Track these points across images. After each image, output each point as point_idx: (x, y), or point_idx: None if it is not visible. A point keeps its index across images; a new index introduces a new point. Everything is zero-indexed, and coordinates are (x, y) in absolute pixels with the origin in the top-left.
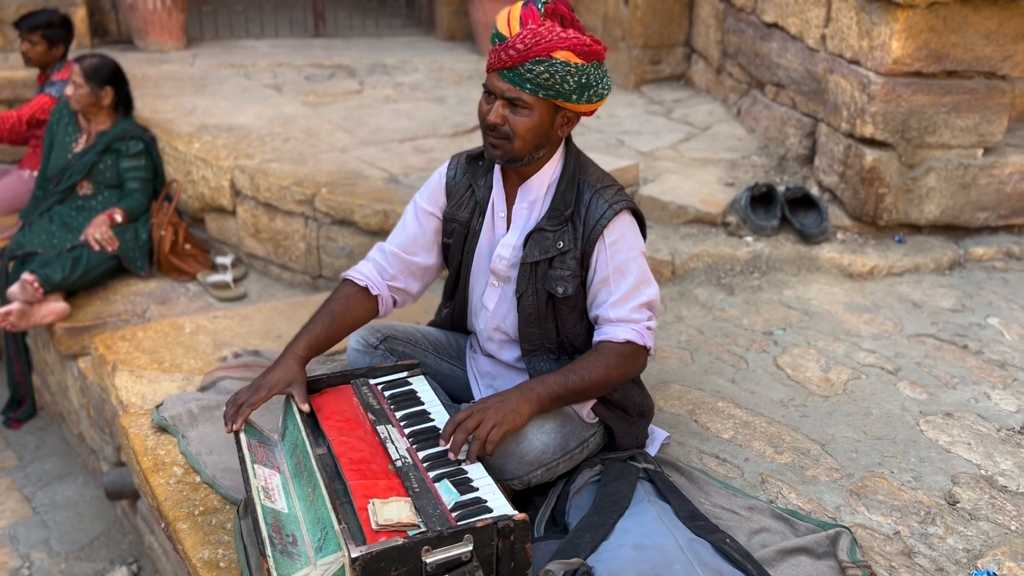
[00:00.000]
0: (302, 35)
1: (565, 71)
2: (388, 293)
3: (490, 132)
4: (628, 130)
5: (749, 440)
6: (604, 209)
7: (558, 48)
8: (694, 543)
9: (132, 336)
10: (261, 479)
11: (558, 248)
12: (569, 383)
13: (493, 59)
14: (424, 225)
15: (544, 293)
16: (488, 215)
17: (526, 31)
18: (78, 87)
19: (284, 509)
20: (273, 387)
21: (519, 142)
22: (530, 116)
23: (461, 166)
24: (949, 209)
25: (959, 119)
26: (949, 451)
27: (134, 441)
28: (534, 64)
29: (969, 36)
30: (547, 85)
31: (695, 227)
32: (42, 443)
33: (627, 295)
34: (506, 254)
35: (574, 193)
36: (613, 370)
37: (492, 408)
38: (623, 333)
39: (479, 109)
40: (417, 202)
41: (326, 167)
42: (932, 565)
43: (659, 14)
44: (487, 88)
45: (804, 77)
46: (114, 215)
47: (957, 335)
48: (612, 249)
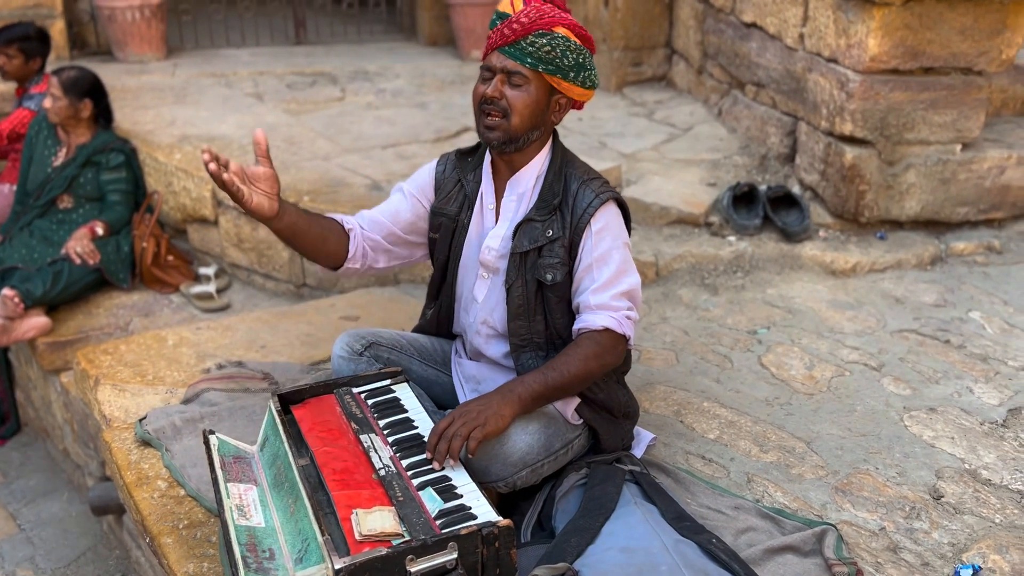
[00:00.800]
0: (283, 43)
1: (565, 46)
2: (360, 233)
3: (487, 107)
4: (610, 132)
5: (735, 440)
6: (591, 198)
7: (559, 24)
8: (680, 544)
9: (114, 350)
10: (235, 497)
11: (547, 236)
12: (549, 380)
13: (494, 38)
14: (408, 202)
15: (533, 283)
16: (477, 208)
17: (530, 7)
18: (56, 100)
19: (261, 524)
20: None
21: (516, 118)
22: (527, 92)
23: (451, 162)
24: (929, 205)
25: (937, 115)
26: (933, 446)
27: (117, 456)
28: (537, 36)
29: (945, 33)
30: (548, 59)
31: (678, 228)
32: (27, 459)
33: (608, 283)
34: (495, 245)
35: (562, 184)
36: (592, 360)
37: (473, 411)
38: (601, 320)
39: (474, 93)
40: (403, 186)
41: (308, 175)
42: (918, 560)
43: (639, 16)
44: (484, 68)
45: (783, 76)
46: (95, 228)
47: (940, 330)
48: (597, 237)
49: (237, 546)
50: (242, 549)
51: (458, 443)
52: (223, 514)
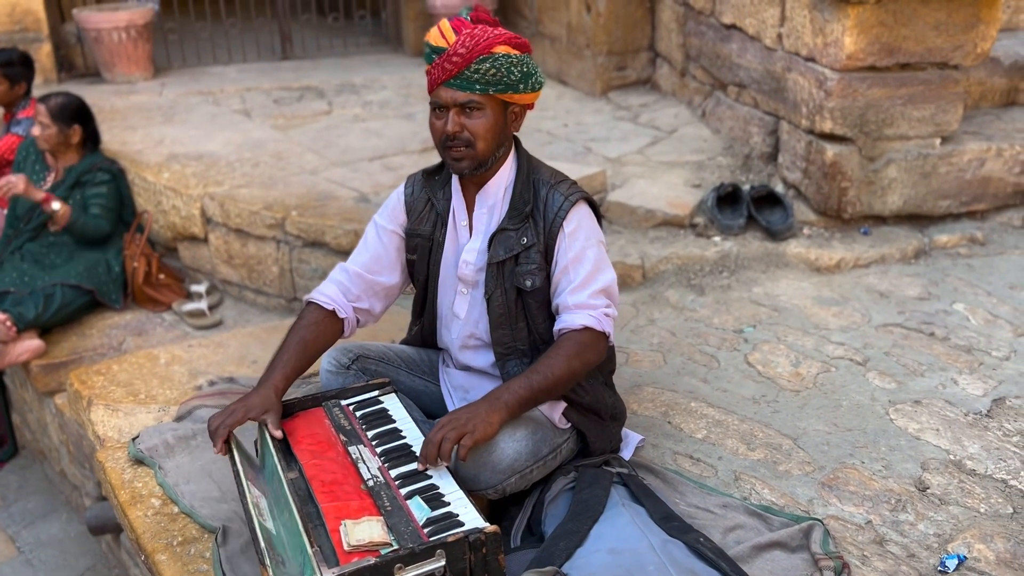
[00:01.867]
0: (270, 58)
1: (508, 63)
2: (353, 315)
3: (451, 144)
4: (596, 137)
5: (722, 438)
6: (561, 201)
7: (496, 44)
8: (668, 544)
9: (107, 370)
10: (255, 496)
11: (522, 244)
12: (534, 384)
13: (436, 74)
14: (386, 243)
15: (513, 291)
16: (450, 225)
17: (463, 35)
18: (45, 127)
19: (273, 531)
20: (250, 411)
21: (481, 144)
22: (485, 117)
23: (418, 183)
24: (912, 199)
25: (915, 110)
26: (918, 438)
27: (111, 475)
28: (479, 63)
29: (919, 28)
30: (495, 80)
31: (664, 230)
32: (25, 482)
33: (584, 282)
34: (471, 259)
35: (531, 191)
36: (575, 360)
37: (462, 418)
38: (580, 319)
39: (432, 127)
40: (377, 221)
41: (296, 190)
42: (903, 552)
43: (622, 20)
44: (435, 105)
45: (764, 76)
46: (52, 203)
47: (924, 323)
48: (571, 239)
49: (260, 538)
50: (264, 543)
51: (448, 445)
52: (247, 506)
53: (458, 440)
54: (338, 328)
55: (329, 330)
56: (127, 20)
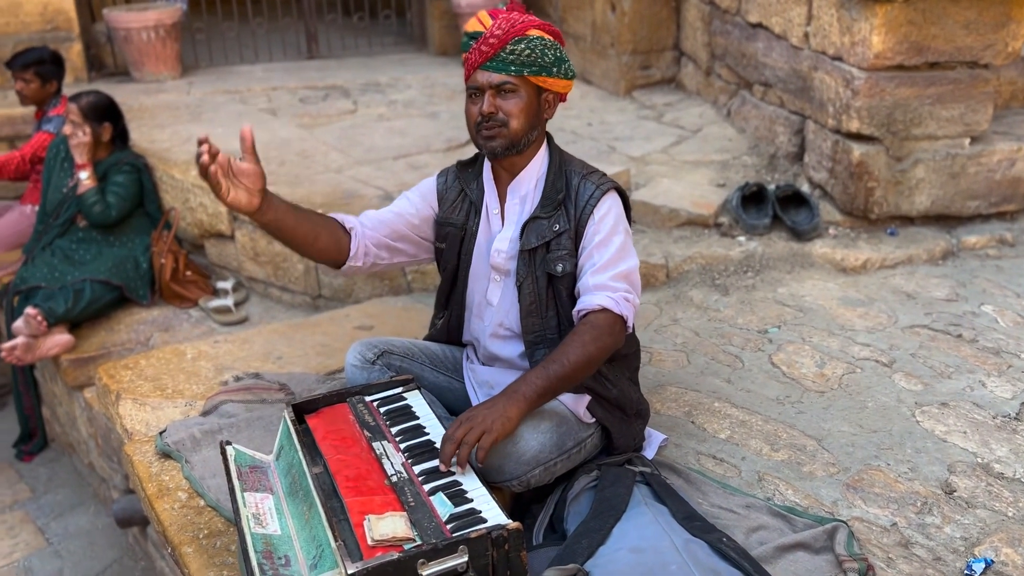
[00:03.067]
0: (295, 58)
1: (543, 45)
2: (362, 232)
3: (485, 124)
4: (620, 136)
5: (746, 439)
6: (592, 190)
7: (531, 27)
8: (691, 544)
9: (135, 364)
10: (251, 506)
11: (554, 231)
12: (551, 373)
13: (473, 58)
14: (414, 205)
15: (544, 278)
16: (483, 214)
17: (499, 19)
18: (77, 126)
19: (276, 531)
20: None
21: (515, 123)
22: (519, 97)
23: (451, 173)
24: (940, 199)
25: (944, 110)
26: (945, 440)
27: (139, 468)
28: (514, 44)
29: (949, 27)
30: (529, 61)
31: (688, 229)
32: (54, 474)
33: (606, 264)
34: (504, 247)
35: (563, 180)
36: (591, 345)
37: (479, 416)
38: (598, 299)
39: (467, 113)
40: (407, 193)
41: (321, 188)
42: (929, 555)
43: (647, 20)
44: (472, 89)
45: (790, 75)
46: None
47: (951, 324)
48: (600, 224)
49: (254, 553)
50: (258, 556)
51: (466, 450)
52: (239, 522)
53: (477, 441)
54: (346, 239)
55: (331, 227)
56: (156, 20)
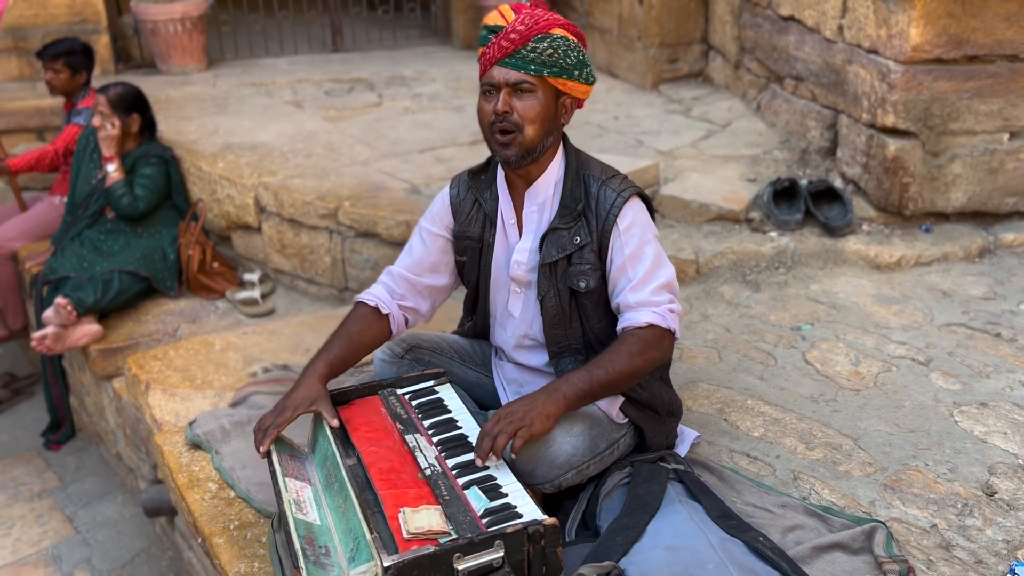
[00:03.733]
0: (320, 51)
1: (566, 46)
2: (399, 312)
3: (499, 124)
4: (647, 130)
5: (780, 437)
6: (614, 198)
7: (555, 26)
8: (727, 542)
9: (164, 355)
10: (292, 492)
11: (575, 244)
12: (594, 378)
13: (491, 52)
14: (430, 246)
15: (566, 291)
16: (499, 225)
17: (523, 15)
18: (107, 117)
19: (316, 521)
20: (298, 407)
21: (530, 128)
22: (536, 99)
23: (463, 183)
24: (976, 196)
25: (983, 104)
26: (985, 441)
27: (169, 459)
28: (537, 41)
29: (989, 19)
30: (551, 62)
31: (718, 225)
32: (82, 463)
33: (644, 278)
34: (523, 259)
35: (581, 188)
36: (637, 357)
37: (519, 411)
38: (644, 316)
39: (480, 111)
40: (422, 225)
41: (348, 181)
42: (971, 558)
43: (674, 12)
44: (487, 86)
45: (823, 69)
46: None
47: (989, 323)
48: (627, 235)
49: (296, 537)
50: (300, 541)
51: (503, 440)
52: (282, 505)
53: (513, 435)
54: (384, 325)
55: (375, 325)
56: (182, 12)
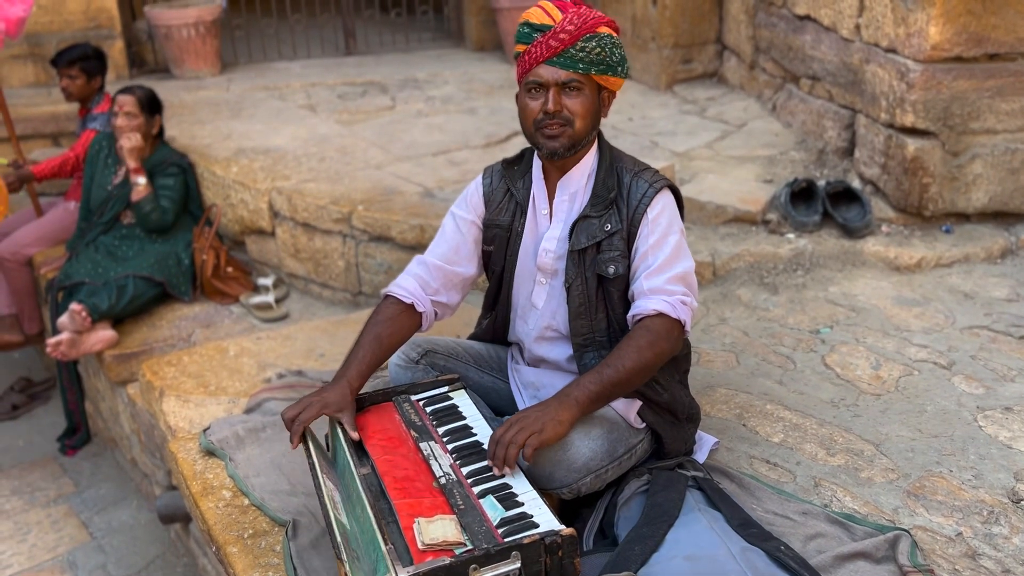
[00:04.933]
0: (333, 54)
1: (612, 43)
2: (431, 308)
3: (550, 121)
4: (662, 131)
5: (800, 443)
6: (646, 188)
7: (601, 24)
8: (748, 552)
9: (178, 361)
10: (330, 488)
11: (605, 231)
12: (605, 378)
13: (539, 52)
14: (465, 234)
15: (594, 280)
16: (530, 214)
17: (570, 14)
18: (133, 117)
19: (348, 526)
20: (326, 407)
21: (580, 123)
22: (585, 96)
23: (497, 173)
24: (998, 196)
25: (1004, 103)
26: (1010, 447)
27: (183, 466)
28: (586, 41)
29: (1010, 17)
30: (599, 60)
31: (734, 226)
32: (97, 469)
33: (662, 266)
34: (552, 247)
35: (614, 178)
36: (647, 350)
37: (531, 417)
38: (653, 304)
39: (525, 109)
40: (456, 212)
41: (361, 184)
42: (998, 567)
43: (688, 13)
44: (532, 84)
45: (840, 68)
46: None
47: (1013, 325)
48: (653, 224)
49: (336, 531)
50: (340, 537)
51: (514, 450)
52: (323, 498)
53: (525, 441)
54: (416, 322)
55: (406, 324)
56: (196, 17)
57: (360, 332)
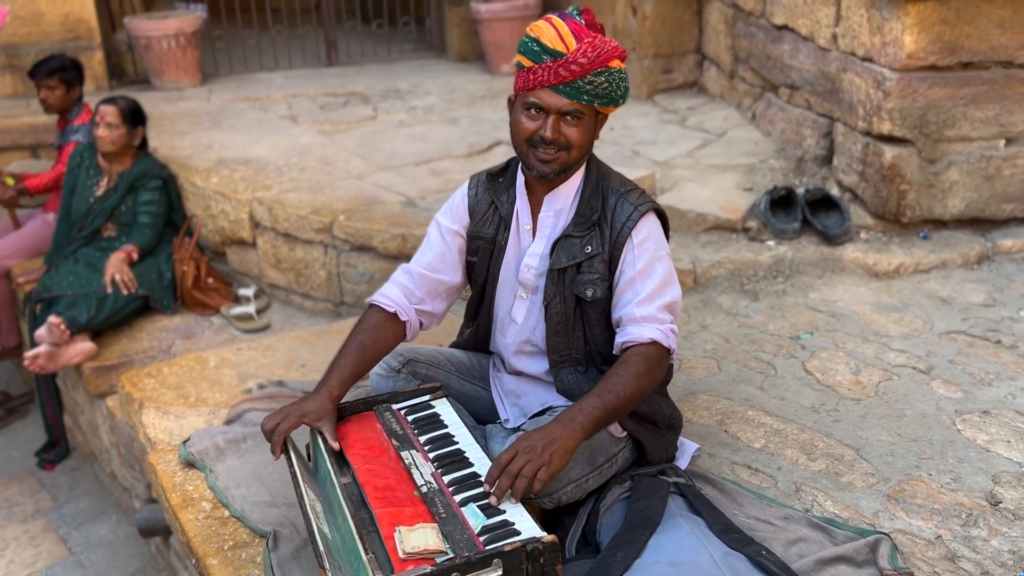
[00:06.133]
0: (315, 65)
1: (619, 78)
2: (416, 318)
3: (545, 147)
4: (643, 140)
5: (781, 448)
6: (630, 211)
7: (613, 57)
8: (729, 557)
9: (157, 372)
10: (312, 499)
11: (586, 252)
12: (607, 404)
13: (545, 76)
14: (450, 243)
15: (572, 299)
16: (513, 228)
17: (585, 45)
18: (114, 128)
19: (329, 536)
20: (304, 416)
21: (576, 151)
22: (583, 126)
23: (482, 184)
24: (974, 202)
25: (978, 111)
26: (988, 450)
27: (162, 478)
28: (596, 75)
29: (983, 26)
30: (604, 94)
31: (715, 234)
32: (76, 483)
33: (653, 294)
34: (533, 263)
35: (599, 199)
36: (644, 378)
37: (538, 447)
38: (648, 332)
39: (519, 125)
40: (440, 221)
41: (343, 194)
42: (977, 569)
43: (668, 23)
44: (533, 105)
45: (817, 77)
46: (132, 254)
47: (990, 330)
48: (639, 249)
49: (319, 539)
50: (322, 546)
51: (523, 483)
52: (305, 508)
53: (535, 475)
54: (400, 331)
55: (390, 333)
56: (176, 28)
57: (344, 341)
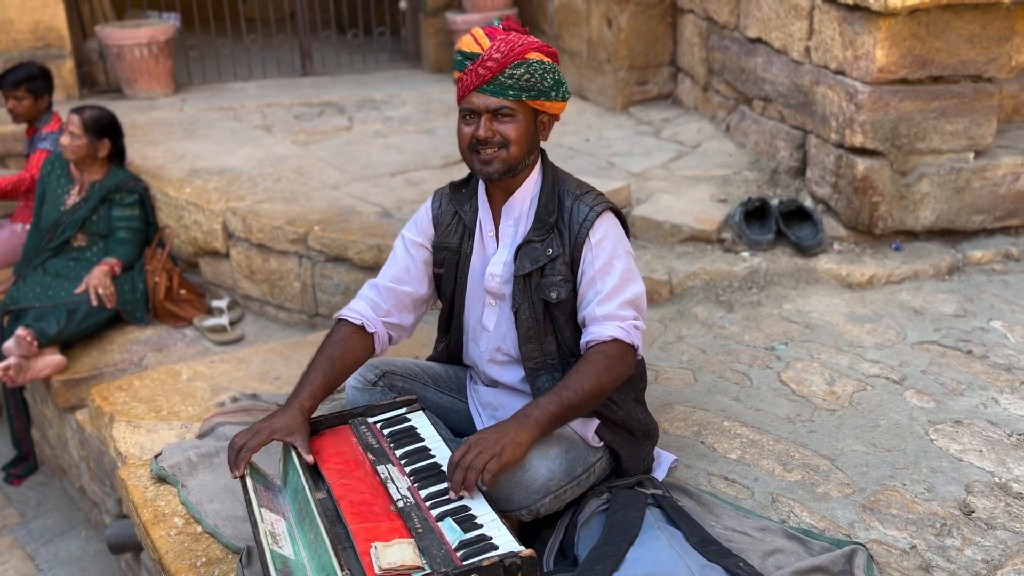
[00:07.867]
0: (290, 75)
1: (542, 69)
2: (384, 330)
3: (482, 148)
4: (618, 152)
5: (757, 459)
6: (587, 212)
7: (530, 50)
8: (707, 568)
9: (129, 386)
10: (268, 523)
11: (548, 255)
12: (564, 400)
13: (469, 80)
14: (415, 256)
15: (540, 304)
16: (477, 237)
17: (497, 41)
18: (76, 138)
19: (291, 555)
20: (275, 432)
21: (515, 148)
22: (517, 122)
23: (445, 196)
24: (945, 214)
25: (948, 124)
26: (961, 459)
27: (133, 493)
28: (513, 68)
29: (953, 41)
30: (528, 86)
31: (690, 245)
32: (44, 498)
33: (612, 292)
34: (498, 271)
35: (556, 202)
36: (604, 374)
37: (491, 439)
38: (608, 330)
39: (459, 133)
40: (405, 235)
41: (318, 205)
42: None
43: (643, 35)
44: (466, 111)
45: (791, 90)
46: (115, 268)
47: (961, 340)
48: (598, 248)
49: (274, 571)
50: (277, 573)
51: (473, 475)
52: (258, 536)
53: (485, 466)
54: (368, 344)
55: (359, 346)
56: (149, 37)
57: (313, 356)
